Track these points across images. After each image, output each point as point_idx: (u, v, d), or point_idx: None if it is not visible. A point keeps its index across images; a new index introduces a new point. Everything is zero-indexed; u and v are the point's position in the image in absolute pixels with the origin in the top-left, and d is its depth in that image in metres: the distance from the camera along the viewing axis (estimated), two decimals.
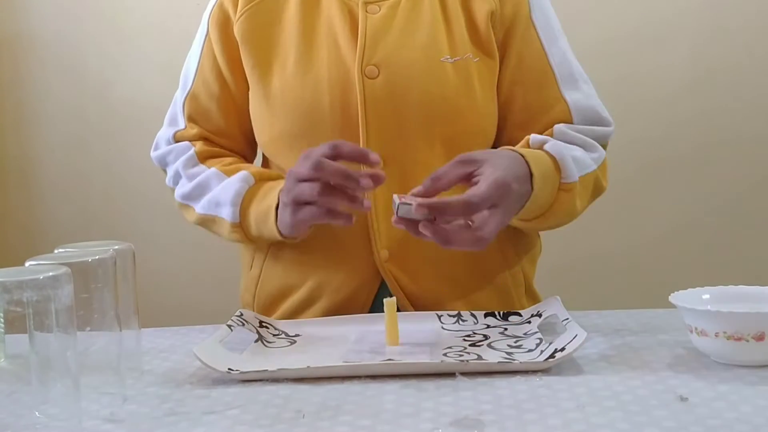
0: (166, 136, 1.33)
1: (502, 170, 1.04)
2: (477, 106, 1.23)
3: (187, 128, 1.31)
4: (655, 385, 0.87)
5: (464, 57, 1.23)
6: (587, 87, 1.28)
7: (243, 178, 1.22)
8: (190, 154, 1.29)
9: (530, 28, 1.27)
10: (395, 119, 1.20)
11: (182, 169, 1.29)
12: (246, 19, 1.26)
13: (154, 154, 1.35)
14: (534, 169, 1.09)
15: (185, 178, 1.29)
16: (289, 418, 0.82)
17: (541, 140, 1.17)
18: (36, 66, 2.34)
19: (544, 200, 1.14)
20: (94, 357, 0.90)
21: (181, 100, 1.33)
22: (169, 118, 1.35)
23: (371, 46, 1.21)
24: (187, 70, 1.34)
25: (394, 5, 1.25)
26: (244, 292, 1.34)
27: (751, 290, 1.01)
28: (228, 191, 1.22)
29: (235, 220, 1.22)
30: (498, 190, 1.02)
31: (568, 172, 1.14)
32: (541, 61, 1.26)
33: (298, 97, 1.22)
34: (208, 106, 1.31)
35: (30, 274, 0.76)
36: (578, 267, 2.24)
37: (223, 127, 1.31)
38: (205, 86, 1.31)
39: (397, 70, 1.21)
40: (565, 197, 1.15)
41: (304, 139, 1.21)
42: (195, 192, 1.27)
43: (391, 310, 1.06)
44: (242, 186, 1.21)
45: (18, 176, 2.37)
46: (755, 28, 2.19)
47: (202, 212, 1.26)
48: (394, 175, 1.19)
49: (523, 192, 1.08)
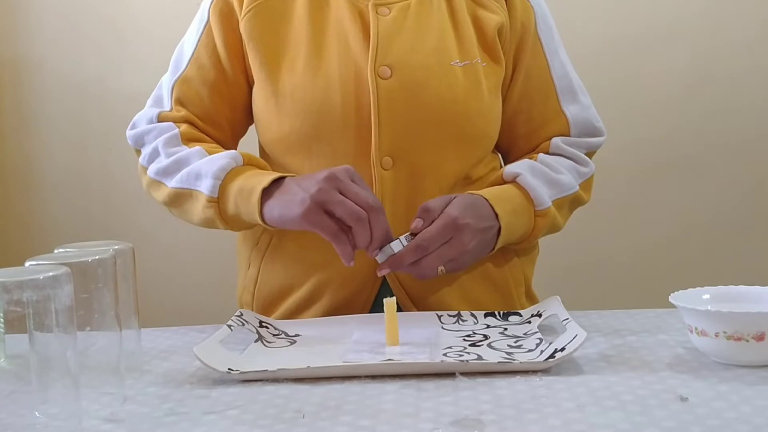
0: (147, 115, 1.30)
1: (456, 209, 1.14)
2: (484, 110, 1.25)
3: (173, 110, 1.29)
4: (655, 385, 0.87)
5: (473, 61, 1.24)
6: (584, 98, 1.33)
7: (232, 155, 1.19)
8: (173, 133, 1.25)
9: (537, 42, 1.30)
10: (407, 120, 1.21)
11: (162, 147, 1.24)
12: (252, 17, 1.26)
13: (130, 133, 1.30)
14: (498, 209, 1.18)
15: (164, 155, 1.24)
16: (289, 418, 0.82)
17: (512, 174, 1.23)
18: (36, 67, 2.34)
19: (523, 228, 1.22)
20: (94, 357, 0.90)
21: (170, 83, 1.30)
22: (153, 99, 1.33)
23: (384, 46, 1.22)
24: (179, 55, 1.32)
25: (404, 8, 1.25)
26: (242, 292, 1.34)
27: (751, 290, 1.01)
28: (212, 164, 1.18)
29: (213, 194, 1.17)
30: (447, 229, 1.12)
31: (540, 200, 1.22)
32: (545, 74, 1.30)
33: (309, 97, 1.22)
34: (199, 90, 1.29)
35: (30, 274, 0.76)
36: (578, 267, 2.24)
37: (211, 113, 1.29)
38: (200, 71, 1.29)
39: (410, 71, 1.22)
40: (542, 221, 1.23)
41: (315, 138, 1.22)
42: (172, 167, 1.22)
43: (391, 310, 1.06)
44: (229, 162, 1.18)
45: (18, 176, 2.37)
46: (755, 29, 2.19)
47: (176, 186, 1.21)
48: (402, 175, 1.22)
49: (485, 225, 1.17)
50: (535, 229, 1.23)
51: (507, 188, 1.22)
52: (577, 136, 1.30)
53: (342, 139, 1.21)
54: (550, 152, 1.29)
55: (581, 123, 1.31)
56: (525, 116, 1.31)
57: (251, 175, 1.17)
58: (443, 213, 1.14)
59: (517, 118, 1.31)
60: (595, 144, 1.32)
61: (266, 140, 1.29)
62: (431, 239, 1.12)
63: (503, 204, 1.19)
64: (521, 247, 1.28)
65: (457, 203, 1.15)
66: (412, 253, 1.11)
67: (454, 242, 1.13)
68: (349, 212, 1.07)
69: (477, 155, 1.27)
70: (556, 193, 1.25)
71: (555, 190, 1.25)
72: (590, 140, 1.32)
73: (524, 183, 1.22)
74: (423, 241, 1.11)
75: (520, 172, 1.23)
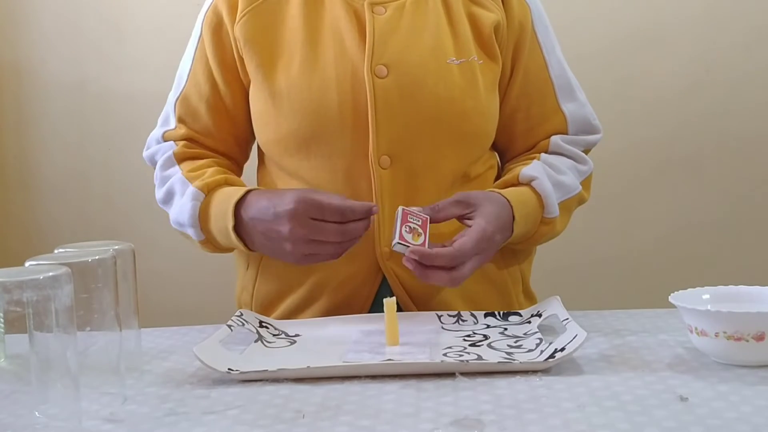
0: (156, 135, 1.35)
1: (489, 222, 1.14)
2: (481, 108, 1.25)
3: (176, 128, 1.32)
4: (655, 385, 0.87)
5: (469, 59, 1.24)
6: (581, 95, 1.33)
7: (194, 195, 1.23)
8: (168, 155, 1.30)
9: (534, 40, 1.31)
10: (404, 118, 1.21)
11: (159, 170, 1.31)
12: (249, 20, 1.26)
13: (145, 154, 1.37)
14: (517, 215, 1.19)
15: (160, 181, 1.31)
16: (289, 418, 0.82)
17: (529, 177, 1.23)
18: (36, 67, 2.34)
19: (524, 234, 1.23)
20: (94, 357, 0.90)
21: (173, 100, 1.33)
22: (162, 118, 1.36)
23: (380, 45, 1.22)
24: (180, 72, 1.34)
25: (399, 7, 1.25)
26: (241, 292, 1.34)
27: (751, 290, 1.01)
28: (184, 212, 1.23)
29: (200, 238, 1.24)
30: (482, 243, 1.12)
31: (551, 208, 1.23)
32: (543, 72, 1.31)
33: (306, 97, 1.22)
34: (197, 107, 1.31)
35: (30, 274, 0.76)
36: (578, 267, 2.24)
37: (210, 127, 1.31)
38: (197, 87, 1.31)
39: (407, 70, 1.22)
40: (545, 228, 1.24)
41: (313, 138, 1.22)
42: (166, 198, 1.29)
43: (391, 310, 1.06)
44: (194, 204, 1.22)
45: (18, 176, 2.37)
46: (755, 29, 2.19)
47: (174, 227, 1.29)
48: (400, 174, 1.22)
49: (504, 237, 1.19)
50: (536, 235, 1.24)
51: (525, 191, 1.23)
52: (575, 134, 1.31)
53: (339, 138, 1.22)
54: (549, 151, 1.30)
55: (579, 120, 1.31)
56: (524, 114, 1.31)
57: (217, 209, 1.21)
58: (476, 223, 1.13)
59: (515, 116, 1.31)
60: (592, 141, 1.33)
61: (264, 141, 1.29)
62: (468, 252, 1.11)
63: (522, 207, 1.20)
64: (518, 248, 1.29)
65: (489, 213, 1.15)
66: (445, 260, 1.09)
67: (484, 255, 1.15)
68: (331, 234, 1.11)
69: (475, 153, 1.27)
70: (562, 195, 1.25)
71: (560, 192, 1.25)
72: (588, 138, 1.33)
73: (540, 189, 1.23)
74: (459, 252, 1.10)
75: (537, 176, 1.23)
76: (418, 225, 1.12)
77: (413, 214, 1.13)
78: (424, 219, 1.13)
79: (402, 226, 1.10)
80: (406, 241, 1.09)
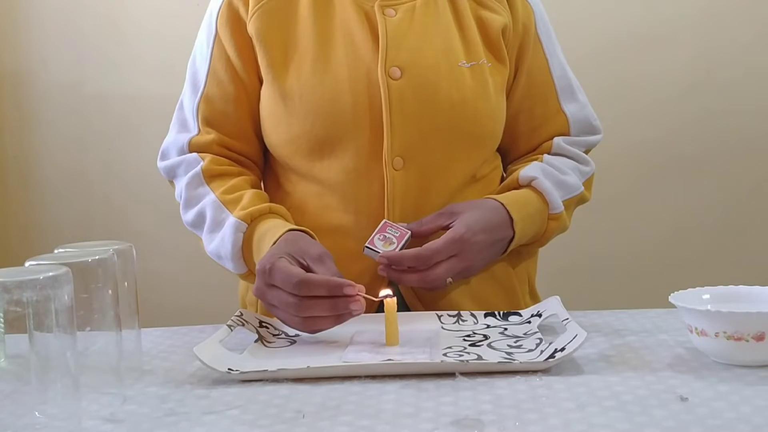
0: (178, 144, 1.29)
1: (467, 226, 1.16)
2: (492, 110, 1.26)
3: (202, 133, 1.27)
4: (655, 385, 0.87)
5: (479, 62, 1.25)
6: (582, 96, 1.35)
7: (236, 227, 1.18)
8: (195, 172, 1.25)
9: (537, 42, 1.31)
10: (418, 120, 1.21)
11: (185, 190, 1.26)
12: (258, 18, 1.24)
13: (161, 164, 1.31)
14: (515, 215, 1.21)
15: (186, 201, 1.26)
16: (289, 418, 0.82)
17: (528, 178, 1.25)
18: (36, 67, 2.34)
19: (535, 232, 1.25)
20: (94, 357, 0.90)
21: (193, 103, 1.28)
22: (179, 124, 1.31)
23: (393, 47, 1.22)
24: (195, 73, 1.30)
25: (409, 9, 1.25)
26: (246, 291, 1.33)
27: (751, 290, 1.01)
28: (226, 245, 1.20)
29: (242, 271, 1.22)
30: (454, 245, 1.14)
31: (554, 204, 1.25)
32: (545, 74, 1.32)
33: (319, 98, 1.21)
34: (223, 108, 1.27)
35: (30, 274, 0.76)
36: (579, 267, 2.24)
37: (239, 128, 1.28)
38: (220, 88, 1.27)
39: (420, 72, 1.22)
40: (555, 224, 1.26)
41: (326, 139, 1.22)
42: (197, 221, 1.25)
43: (391, 309, 1.06)
44: (237, 237, 1.18)
45: (18, 176, 2.37)
46: (755, 29, 2.19)
47: (211, 256, 1.25)
48: (413, 176, 1.22)
49: (497, 238, 1.20)
50: (548, 232, 1.26)
51: (525, 193, 1.25)
52: (577, 135, 1.32)
53: (353, 139, 1.21)
54: (552, 152, 1.31)
55: (580, 121, 1.32)
56: (527, 115, 1.32)
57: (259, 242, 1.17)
58: (453, 227, 1.16)
59: (518, 117, 1.32)
60: (593, 142, 1.35)
61: (274, 142, 1.27)
62: (435, 252, 1.13)
63: (520, 208, 1.22)
64: (531, 248, 1.30)
65: (470, 217, 1.18)
66: (412, 259, 1.13)
67: (462, 257, 1.16)
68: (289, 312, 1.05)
69: (484, 155, 1.28)
70: (564, 194, 1.27)
71: (563, 191, 1.27)
72: (589, 138, 1.34)
73: (541, 187, 1.24)
74: (426, 251, 1.13)
75: (536, 176, 1.25)
76: (395, 236, 1.17)
77: (394, 226, 1.18)
78: (404, 232, 1.18)
79: (377, 234, 1.17)
80: (375, 246, 1.16)
